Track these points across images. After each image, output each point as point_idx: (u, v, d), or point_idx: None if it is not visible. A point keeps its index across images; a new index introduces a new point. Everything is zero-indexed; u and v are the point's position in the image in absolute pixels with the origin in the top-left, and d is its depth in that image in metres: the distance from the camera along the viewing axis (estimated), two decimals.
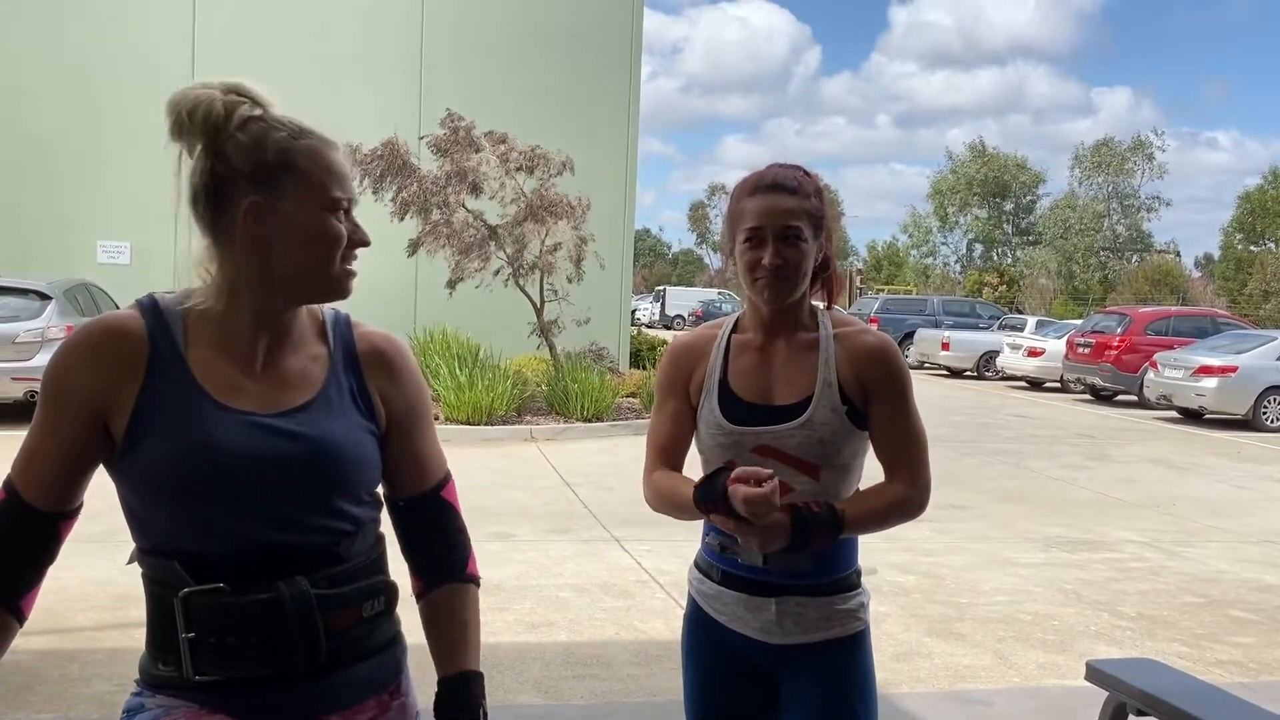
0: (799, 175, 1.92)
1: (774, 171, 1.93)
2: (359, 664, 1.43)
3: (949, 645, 5.03)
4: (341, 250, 1.38)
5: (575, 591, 5.68)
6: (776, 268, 1.86)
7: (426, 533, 1.55)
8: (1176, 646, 5.17)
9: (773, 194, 1.89)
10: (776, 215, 1.87)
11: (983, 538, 7.47)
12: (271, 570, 1.34)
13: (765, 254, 1.86)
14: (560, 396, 12.18)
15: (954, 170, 58.38)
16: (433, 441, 1.57)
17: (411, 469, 1.53)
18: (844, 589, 1.94)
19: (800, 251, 1.87)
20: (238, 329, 1.38)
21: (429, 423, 1.57)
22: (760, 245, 1.88)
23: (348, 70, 16.55)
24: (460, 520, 1.59)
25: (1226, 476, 11.02)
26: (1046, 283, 48.38)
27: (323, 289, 1.40)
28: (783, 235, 1.87)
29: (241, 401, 1.36)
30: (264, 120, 1.35)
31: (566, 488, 8.75)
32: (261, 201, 1.34)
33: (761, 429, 1.90)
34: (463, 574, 1.56)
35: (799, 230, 1.87)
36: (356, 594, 1.41)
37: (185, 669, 1.33)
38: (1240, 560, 7.13)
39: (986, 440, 12.96)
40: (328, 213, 1.37)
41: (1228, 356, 15.77)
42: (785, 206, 1.87)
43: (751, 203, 1.89)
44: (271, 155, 1.34)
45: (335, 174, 1.38)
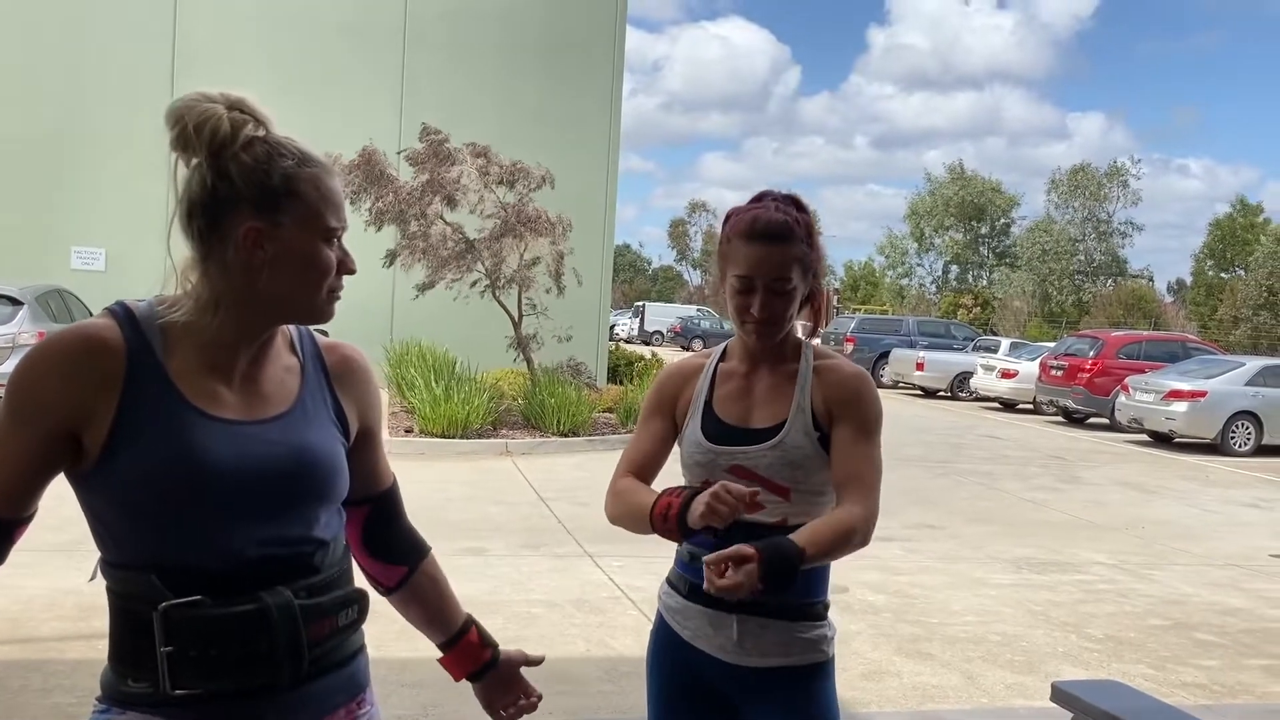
0: (792, 216, 1.93)
1: (768, 213, 1.92)
2: (331, 674, 1.43)
3: (918, 665, 5.06)
4: (330, 279, 1.41)
5: (547, 607, 5.66)
6: (764, 319, 1.93)
7: (393, 523, 1.65)
8: (1142, 668, 5.21)
9: (767, 244, 1.91)
10: (766, 267, 1.91)
11: (954, 558, 7.52)
12: (252, 581, 1.33)
13: (754, 303, 1.92)
14: (537, 411, 12.16)
15: (931, 192, 58.88)
16: (382, 447, 1.65)
17: (374, 473, 1.60)
18: (808, 617, 1.95)
19: (789, 299, 1.94)
20: (220, 343, 1.37)
21: (380, 432, 1.65)
22: (750, 293, 1.93)
23: (329, 80, 16.55)
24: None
25: (1195, 500, 11.14)
26: (1021, 305, 48.81)
27: (306, 314, 1.42)
28: (772, 287, 1.92)
29: (223, 410, 1.36)
30: (268, 142, 1.36)
31: (541, 503, 8.73)
32: (261, 227, 1.34)
33: (736, 449, 1.95)
34: (428, 546, 1.71)
35: (788, 281, 1.92)
36: (332, 603, 1.41)
37: (163, 684, 1.31)
38: (1206, 583, 7.21)
39: (959, 461, 13.05)
40: (323, 242, 1.39)
41: (1197, 381, 15.96)
42: (776, 259, 1.90)
43: (745, 249, 1.91)
44: (276, 181, 1.35)
45: (333, 203, 1.40)
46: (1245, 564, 7.93)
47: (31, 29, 15.95)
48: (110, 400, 1.30)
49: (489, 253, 12.65)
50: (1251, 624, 6.21)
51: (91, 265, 15.95)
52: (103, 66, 15.99)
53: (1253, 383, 15.91)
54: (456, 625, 1.70)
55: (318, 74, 16.48)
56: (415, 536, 1.68)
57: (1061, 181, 54.65)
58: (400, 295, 15.29)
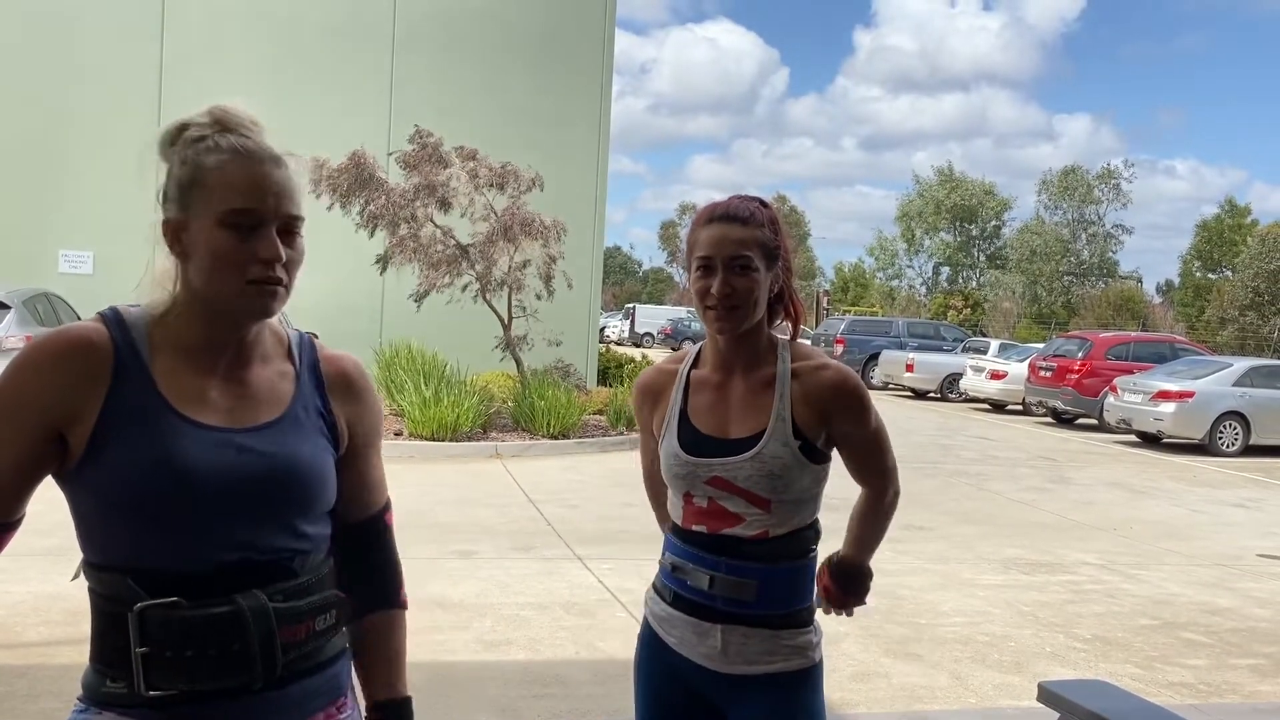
0: (754, 206, 1.95)
1: (729, 202, 1.96)
2: (309, 677, 1.42)
3: (907, 665, 5.07)
4: (248, 267, 1.34)
5: (536, 610, 5.66)
6: (725, 296, 1.89)
7: (366, 557, 1.55)
8: (1129, 668, 5.24)
9: (724, 224, 1.92)
10: (726, 245, 1.90)
11: (943, 559, 7.54)
12: (227, 584, 1.33)
13: (715, 283, 1.90)
14: (526, 413, 12.16)
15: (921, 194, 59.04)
16: (380, 466, 1.58)
17: (361, 493, 1.54)
18: (792, 624, 1.95)
19: (750, 281, 1.90)
20: (197, 343, 1.38)
21: (379, 448, 1.59)
22: (710, 274, 1.91)
23: (318, 83, 16.51)
24: (395, 546, 1.60)
25: (1182, 500, 11.20)
26: (1010, 306, 48.95)
27: (234, 308, 1.37)
28: (732, 265, 1.90)
29: (208, 416, 1.36)
30: (203, 139, 1.36)
31: (530, 505, 8.73)
32: (175, 219, 1.36)
33: (715, 460, 1.93)
34: (397, 600, 1.57)
35: (748, 260, 1.90)
36: (310, 608, 1.40)
37: (137, 684, 1.32)
38: (1193, 583, 7.24)
39: (949, 462, 13.08)
40: (226, 228, 1.34)
41: (1185, 382, 16.04)
42: (735, 236, 1.90)
43: (704, 232, 1.93)
44: (188, 172, 1.35)
45: (243, 188, 1.34)
46: (1232, 564, 7.97)
47: (20, 32, 15.88)
48: (95, 400, 1.31)
49: (480, 256, 12.64)
50: (1239, 624, 6.24)
51: (79, 269, 15.88)
52: (91, 70, 15.92)
53: (1240, 383, 16.00)
54: (387, 696, 1.54)
55: (306, 76, 16.44)
56: (383, 583, 1.56)
57: (1052, 183, 54.87)
58: (390, 298, 15.27)
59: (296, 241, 1.39)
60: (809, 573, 1.99)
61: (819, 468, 1.95)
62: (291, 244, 1.38)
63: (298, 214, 1.39)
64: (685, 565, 1.96)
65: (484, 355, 13.52)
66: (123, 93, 15.54)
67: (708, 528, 1.95)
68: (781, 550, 1.93)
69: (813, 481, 1.95)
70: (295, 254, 1.39)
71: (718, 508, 1.94)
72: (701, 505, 1.96)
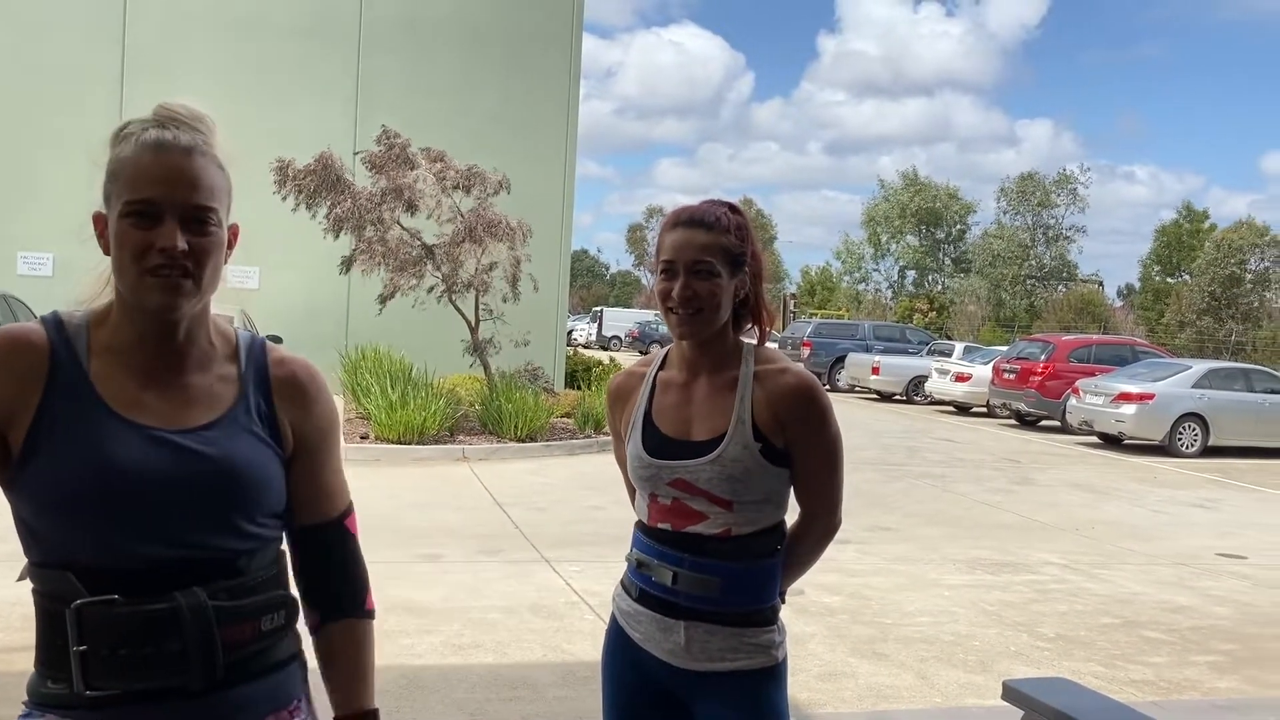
0: (721, 212, 1.96)
1: (698, 207, 1.98)
2: (257, 680, 1.41)
3: (873, 665, 5.11)
4: (146, 257, 1.31)
5: (504, 613, 5.64)
6: (685, 299, 1.91)
7: (326, 563, 1.53)
8: (1092, 666, 5.30)
9: (689, 229, 1.93)
10: (688, 249, 1.92)
11: (909, 559, 7.60)
12: (168, 582, 1.32)
13: (676, 286, 1.92)
14: (494, 416, 12.11)
15: (886, 198, 59.51)
16: (339, 471, 1.55)
17: (315, 497, 1.51)
18: (756, 623, 1.96)
19: (711, 286, 1.91)
20: (130, 343, 1.38)
21: (336, 452, 1.56)
22: (672, 277, 1.93)
23: (283, 85, 16.38)
24: (360, 552, 1.57)
25: (1143, 500, 11.35)
26: (975, 309, 49.45)
27: (138, 300, 1.35)
28: (693, 269, 1.91)
29: (145, 416, 1.36)
30: (129, 135, 1.36)
31: (498, 508, 8.70)
32: (100, 213, 1.37)
33: (677, 463, 1.95)
34: (361, 608, 1.54)
35: (711, 265, 1.91)
36: (255, 607, 1.39)
37: (76, 684, 1.30)
38: (1154, 582, 7.35)
39: (914, 464, 13.19)
40: (129, 219, 1.32)
41: (1146, 384, 16.27)
42: (698, 241, 1.92)
43: (670, 236, 1.95)
44: (110, 167, 1.36)
45: (146, 178, 1.32)
46: (1192, 563, 8.09)
47: None
48: (32, 399, 1.32)
49: (446, 258, 12.59)
50: (1198, 621, 6.34)
51: (38, 271, 15.65)
52: (51, 71, 15.69)
53: (1199, 385, 16.25)
54: (351, 708, 1.51)
55: (271, 77, 16.31)
56: (346, 590, 1.53)
57: (1011, 189, 55.48)
58: (356, 300, 15.18)
59: (207, 232, 1.35)
60: (773, 572, 1.99)
61: (781, 470, 1.95)
62: (201, 234, 1.34)
63: (206, 204, 1.35)
64: (650, 561, 1.98)
65: (451, 358, 13.47)
66: (83, 94, 15.33)
67: (672, 525, 1.96)
68: (745, 549, 1.94)
69: (776, 483, 1.96)
70: (205, 244, 1.35)
71: (681, 506, 1.95)
72: (666, 504, 1.97)
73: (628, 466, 2.05)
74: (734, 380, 1.96)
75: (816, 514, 2.02)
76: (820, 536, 2.05)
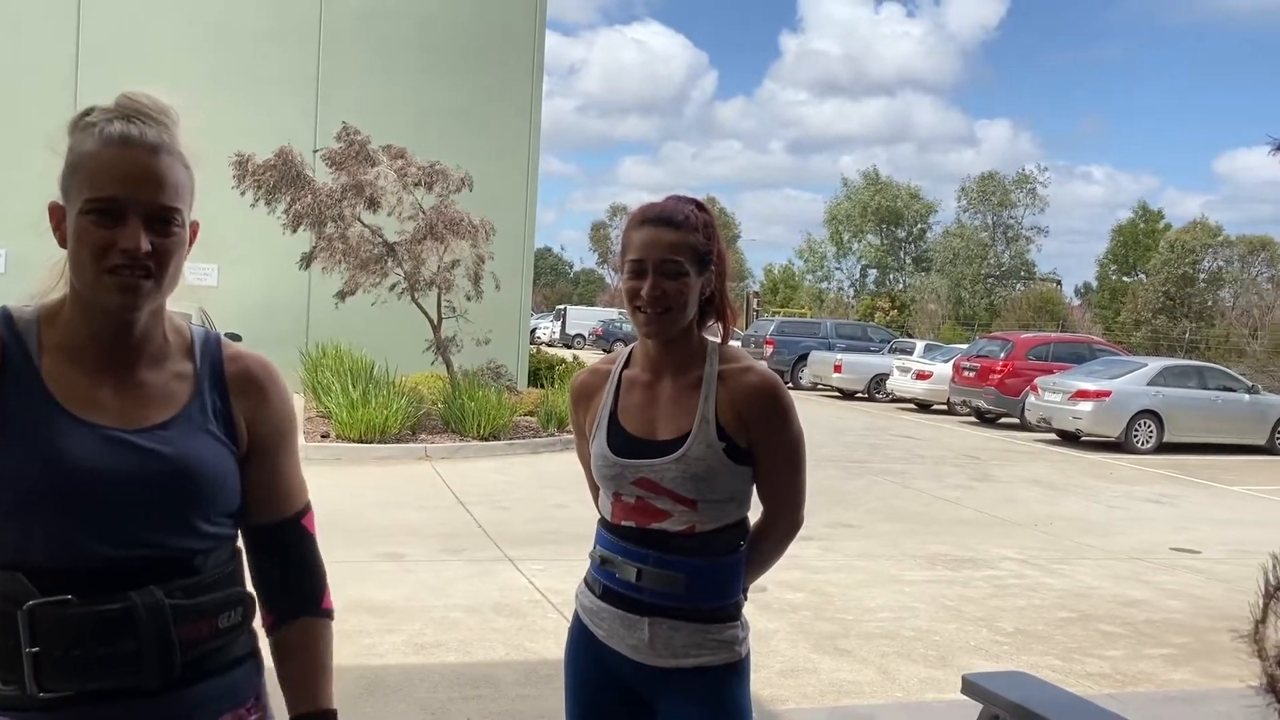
0: (689, 210, 1.96)
1: (664, 204, 1.97)
2: (214, 678, 1.40)
3: (835, 661, 5.14)
4: (107, 256, 1.29)
5: (466, 612, 5.62)
6: (655, 299, 1.91)
7: (283, 562, 1.51)
8: (1050, 660, 5.37)
9: (657, 227, 1.93)
10: (657, 248, 1.91)
11: (870, 555, 7.66)
12: (123, 582, 1.31)
13: (645, 285, 1.91)
14: (456, 414, 12.05)
15: (848, 197, 59.88)
16: (296, 470, 1.53)
17: (272, 495, 1.49)
18: (719, 619, 1.97)
19: (680, 285, 1.91)
20: (83, 340, 1.36)
21: (293, 450, 1.54)
22: (640, 276, 1.92)
23: (242, 79, 16.16)
24: (318, 552, 1.55)
25: (1100, 496, 11.53)
26: (935, 308, 49.91)
27: (96, 298, 1.33)
28: (662, 268, 1.91)
29: (98, 415, 1.34)
30: (94, 125, 1.33)
31: (461, 507, 8.66)
32: (58, 205, 1.34)
33: (641, 462, 1.95)
34: (318, 608, 1.52)
35: (679, 264, 1.91)
36: (212, 605, 1.38)
37: (28, 685, 1.28)
38: (1110, 576, 7.46)
39: (876, 461, 13.29)
40: (90, 215, 1.30)
41: (1102, 381, 16.51)
42: (667, 240, 1.91)
43: (637, 234, 1.94)
44: (70, 158, 1.33)
45: (109, 175, 1.30)
46: (1147, 558, 8.23)
47: None
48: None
49: (408, 255, 12.51)
50: (1152, 615, 6.44)
51: None
52: (3, 62, 15.38)
53: (1154, 383, 16.53)
54: (309, 708, 1.49)
55: (229, 70, 16.08)
56: (303, 589, 1.51)
57: (971, 189, 56.04)
58: (317, 298, 15.02)
59: (170, 232, 1.33)
60: (736, 569, 2.00)
61: (744, 469, 1.96)
62: (165, 235, 1.33)
63: (171, 205, 1.33)
64: (614, 558, 1.99)
65: (414, 356, 13.37)
66: (37, 86, 15.03)
67: (636, 522, 1.97)
68: (709, 546, 1.95)
69: (739, 482, 1.97)
70: (168, 245, 1.33)
71: (646, 505, 1.96)
72: (630, 502, 1.98)
73: (592, 465, 2.05)
74: (698, 379, 1.97)
75: (779, 512, 2.04)
76: (783, 534, 2.07)
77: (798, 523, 2.07)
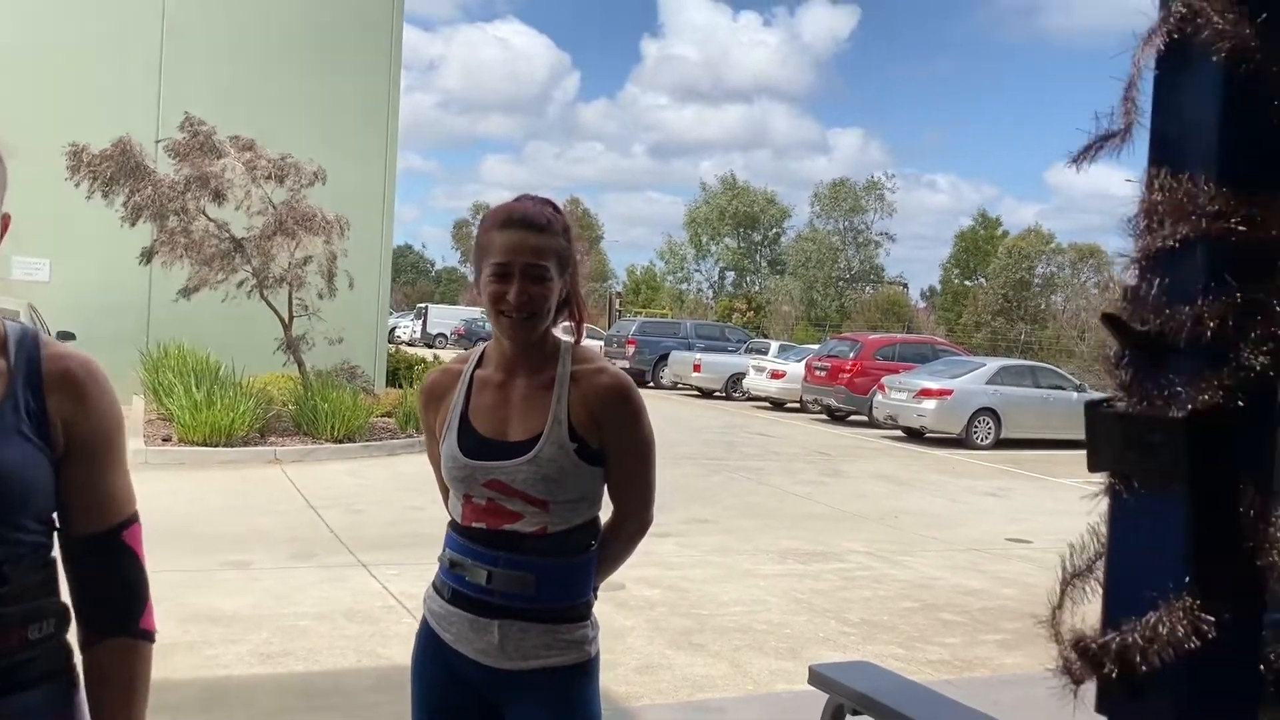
0: (549, 212, 1.96)
1: (525, 206, 1.95)
2: (25, 691, 1.33)
3: (689, 656, 5.23)
4: None
5: (316, 620, 5.47)
6: (522, 304, 1.89)
7: (100, 576, 1.43)
8: (893, 648, 5.60)
9: (522, 230, 1.91)
10: (523, 252, 1.90)
11: (725, 551, 7.81)
12: None
13: (511, 290, 1.89)
14: (308, 416, 11.70)
15: (707, 201, 60.95)
16: (121, 478, 1.46)
17: (91, 504, 1.42)
18: (570, 618, 1.97)
19: (546, 289, 1.91)
20: None
21: (118, 457, 1.46)
22: (506, 280, 1.90)
23: (77, 67, 15.28)
24: (142, 568, 1.47)
25: (942, 490, 12.07)
26: (790, 309, 51.25)
27: None
28: (529, 273, 1.90)
29: None
30: None
31: (312, 511, 8.41)
32: None
33: (492, 464, 1.94)
34: (136, 627, 1.45)
35: (545, 269, 1.91)
36: (21, 615, 1.32)
37: None
38: (950, 567, 7.82)
39: (732, 458, 13.56)
40: None
41: (945, 380, 17.29)
42: (533, 244, 1.90)
43: (501, 237, 1.92)
44: None
45: None
46: (985, 548, 8.66)
47: None
48: None
49: (257, 251, 12.08)
50: (988, 603, 6.78)
51: None
52: None
53: (992, 381, 17.41)
54: None
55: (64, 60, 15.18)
56: (118, 607, 1.44)
57: (824, 194, 57.82)
58: (159, 295, 14.33)
59: None
60: (587, 568, 2.01)
61: (596, 469, 1.97)
62: None
63: None
64: (464, 561, 1.97)
65: (263, 356, 12.91)
66: None
67: (487, 524, 1.95)
68: (560, 546, 1.95)
69: (591, 482, 1.97)
70: None
71: (497, 506, 1.95)
72: (481, 504, 1.96)
73: (442, 467, 2.03)
74: (551, 380, 1.97)
75: (629, 512, 2.06)
76: (633, 534, 2.09)
77: (648, 521, 2.09)
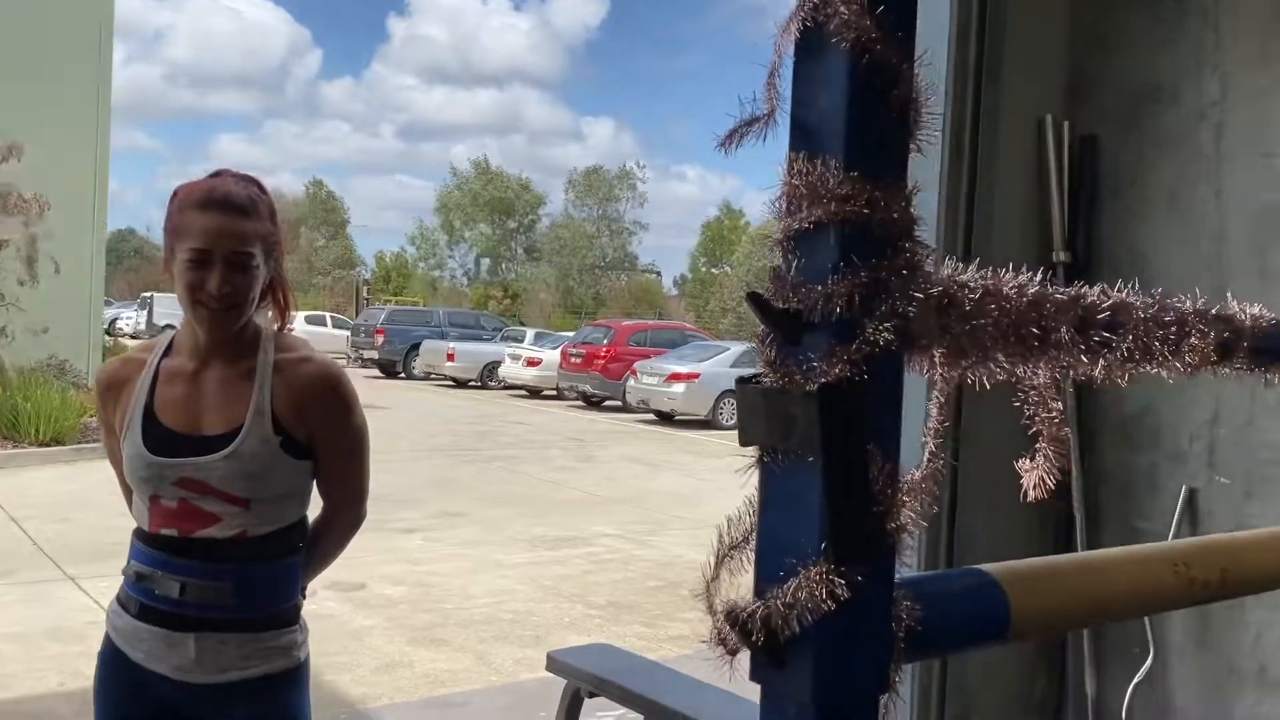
0: (254, 193, 1.81)
1: (226, 186, 1.79)
2: None
3: (432, 652, 5.09)
4: None
5: (12, 641, 4.96)
6: (225, 295, 1.74)
7: None
8: (637, 628, 5.68)
9: (225, 214, 1.75)
10: (228, 239, 1.74)
11: (475, 542, 7.69)
12: None
13: (212, 279, 1.73)
14: (8, 418, 10.60)
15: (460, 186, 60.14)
16: None
17: None
18: (276, 625, 1.84)
19: (250, 278, 1.77)
20: None
21: None
22: (205, 268, 1.74)
23: None
24: None
25: (691, 470, 12.44)
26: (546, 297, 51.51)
27: None
28: (232, 261, 1.74)
29: None
30: None
31: (11, 523, 7.60)
32: None
33: (184, 461, 1.77)
34: None
35: (251, 257, 1.76)
36: None
37: None
38: (695, 544, 8.05)
39: (486, 448, 13.42)
40: None
41: (693, 364, 17.88)
42: (237, 230, 1.75)
43: (200, 219, 1.74)
44: None
45: None
46: None
47: None
48: None
49: None
50: None
51: None
52: None
53: (737, 364, 18.13)
54: None
55: None
56: None
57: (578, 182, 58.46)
58: None
59: None
60: (294, 571, 1.88)
61: (303, 463, 1.84)
62: None
63: None
64: (153, 573, 1.79)
65: None
66: None
67: (179, 530, 1.78)
68: (262, 550, 1.81)
69: (298, 477, 1.85)
70: None
71: (190, 508, 1.77)
72: (171, 506, 1.78)
73: (124, 467, 1.83)
74: (251, 369, 1.82)
75: (341, 507, 1.95)
76: (345, 530, 1.98)
77: (361, 516, 1.99)
